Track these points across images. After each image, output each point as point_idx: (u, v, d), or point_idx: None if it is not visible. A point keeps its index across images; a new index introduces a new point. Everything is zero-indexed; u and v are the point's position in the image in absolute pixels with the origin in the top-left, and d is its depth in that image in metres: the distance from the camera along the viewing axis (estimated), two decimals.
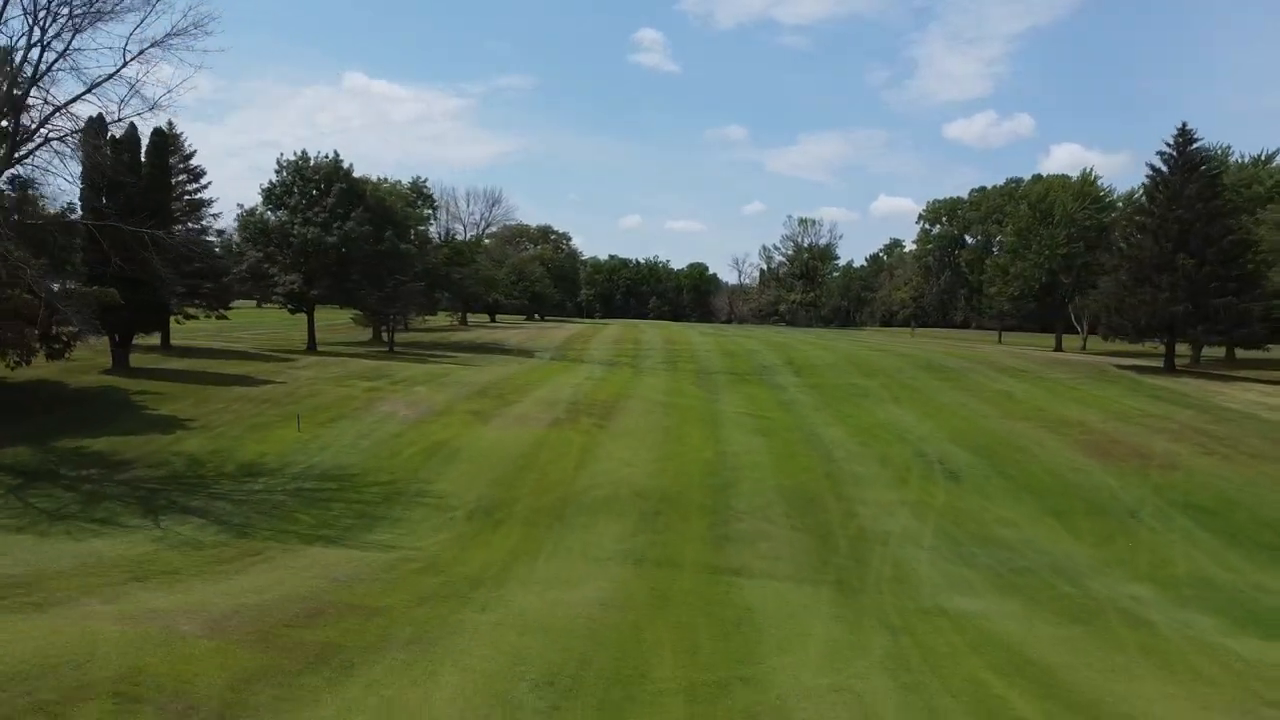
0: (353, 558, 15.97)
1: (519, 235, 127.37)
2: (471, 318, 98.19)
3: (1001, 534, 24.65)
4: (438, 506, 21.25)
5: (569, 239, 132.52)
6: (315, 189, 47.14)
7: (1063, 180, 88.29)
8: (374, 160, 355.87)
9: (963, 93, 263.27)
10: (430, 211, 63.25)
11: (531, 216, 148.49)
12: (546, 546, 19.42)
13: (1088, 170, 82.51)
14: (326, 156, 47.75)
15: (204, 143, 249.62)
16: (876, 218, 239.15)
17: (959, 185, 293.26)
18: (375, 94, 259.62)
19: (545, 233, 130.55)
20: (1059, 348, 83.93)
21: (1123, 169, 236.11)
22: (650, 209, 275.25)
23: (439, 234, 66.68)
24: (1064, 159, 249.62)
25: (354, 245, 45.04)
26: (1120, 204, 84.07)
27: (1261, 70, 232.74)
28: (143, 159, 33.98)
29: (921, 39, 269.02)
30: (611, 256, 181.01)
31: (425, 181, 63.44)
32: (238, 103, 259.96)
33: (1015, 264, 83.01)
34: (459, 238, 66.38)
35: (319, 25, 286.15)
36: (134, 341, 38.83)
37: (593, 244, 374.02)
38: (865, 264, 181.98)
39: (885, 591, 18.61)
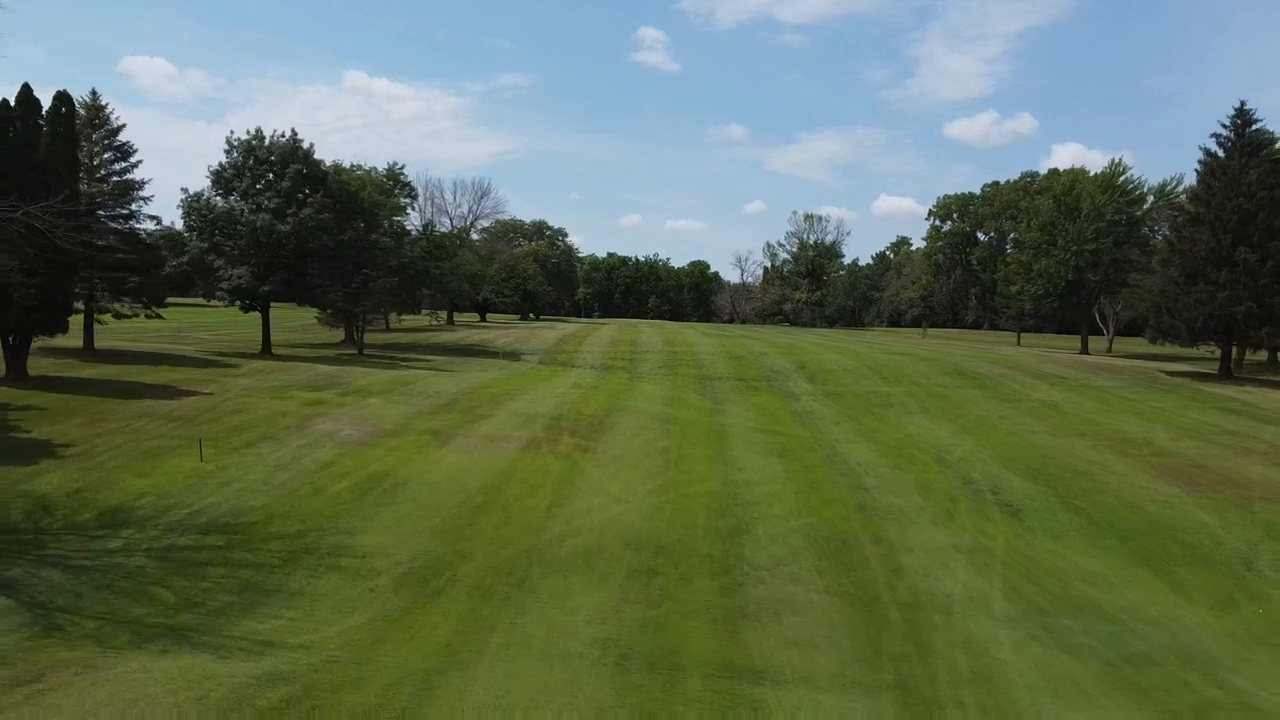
0: (191, 677, 10.66)
1: (512, 230, 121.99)
2: (461, 317, 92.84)
3: (1091, 595, 19.29)
4: (357, 571, 15.87)
5: (565, 235, 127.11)
6: (271, 171, 41.72)
7: (1083, 173, 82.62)
8: (373, 158, 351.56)
9: (963, 92, 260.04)
10: (408, 200, 57.74)
11: (531, 215, 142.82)
12: (496, 634, 14.04)
13: (1116, 160, 76.91)
14: (283, 135, 42.40)
15: (202, 141, 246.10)
16: (878, 217, 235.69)
17: (961, 185, 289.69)
18: (376, 92, 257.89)
19: (540, 228, 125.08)
20: (1084, 350, 78.78)
21: None
22: (651, 208, 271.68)
23: (420, 226, 61.15)
24: (1066, 158, 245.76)
25: (311, 234, 39.58)
26: (1151, 196, 78.81)
27: (1264, 69, 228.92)
28: (43, 127, 28.60)
29: (922, 38, 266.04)
30: (610, 254, 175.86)
31: (402, 168, 57.85)
32: (237, 101, 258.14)
33: (1039, 261, 77.59)
34: (439, 230, 60.69)
35: (319, 23, 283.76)
36: (51, 344, 33.56)
37: (593, 243, 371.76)
38: (871, 262, 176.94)
39: (969, 705, 13.24)
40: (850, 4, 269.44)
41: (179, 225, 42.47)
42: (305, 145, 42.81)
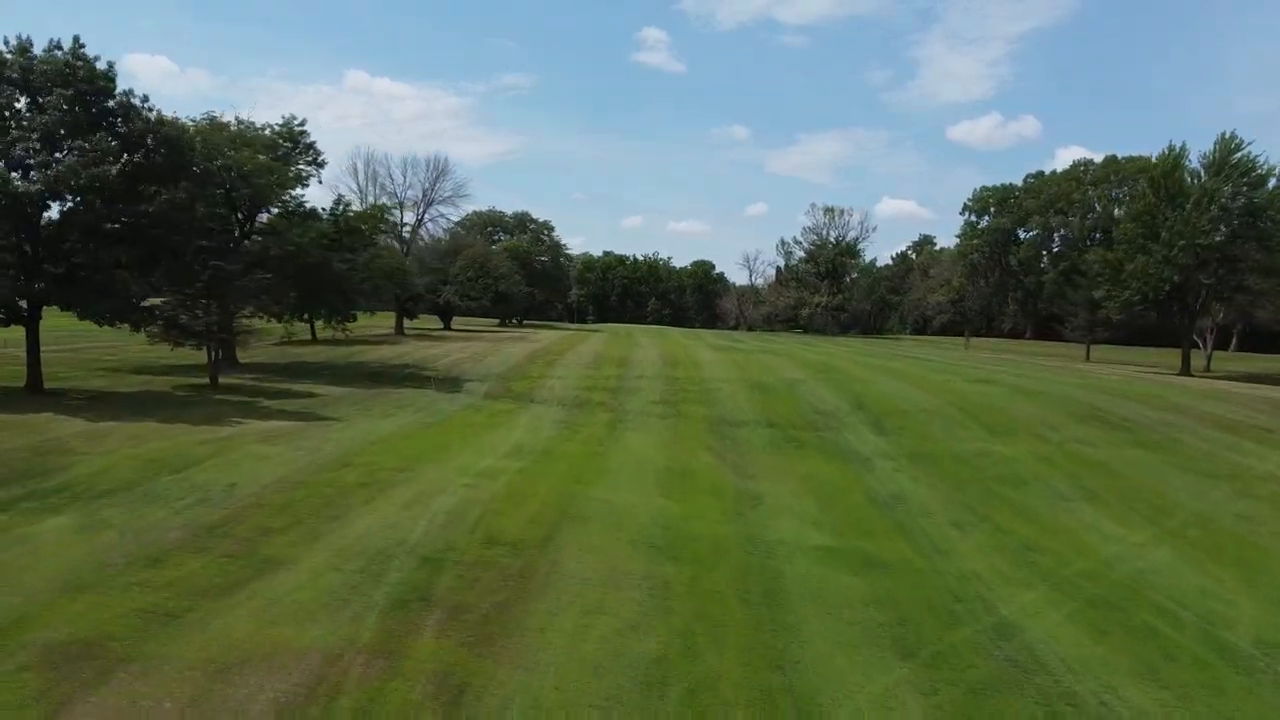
0: None
1: (491, 223, 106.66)
2: (420, 323, 77.42)
3: None
4: None
5: (551, 229, 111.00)
6: (36, 104, 26.17)
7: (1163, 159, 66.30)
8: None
9: (965, 94, 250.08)
10: (313, 170, 41.50)
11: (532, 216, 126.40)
12: None
13: (1227, 134, 61.13)
14: (58, 48, 26.82)
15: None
16: (880, 219, 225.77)
17: (963, 187, 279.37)
18: (377, 92, 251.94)
19: (523, 221, 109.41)
20: (1186, 369, 63.48)
21: None
22: (652, 209, 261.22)
23: (333, 206, 44.75)
24: (1068, 162, 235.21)
25: (86, 201, 24.12)
26: (1273, 178, 63.05)
27: (1267, 71, 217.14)
28: None
29: (923, 40, 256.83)
30: (606, 253, 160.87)
31: (303, 124, 41.29)
32: (239, 100, 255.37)
33: (1134, 259, 61.93)
34: (348, 208, 44.45)
35: (320, 23, 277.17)
36: None
37: (594, 244, 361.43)
38: (892, 262, 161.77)
39: None
40: (851, 6, 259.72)
41: None
42: (100, 65, 27.18)
